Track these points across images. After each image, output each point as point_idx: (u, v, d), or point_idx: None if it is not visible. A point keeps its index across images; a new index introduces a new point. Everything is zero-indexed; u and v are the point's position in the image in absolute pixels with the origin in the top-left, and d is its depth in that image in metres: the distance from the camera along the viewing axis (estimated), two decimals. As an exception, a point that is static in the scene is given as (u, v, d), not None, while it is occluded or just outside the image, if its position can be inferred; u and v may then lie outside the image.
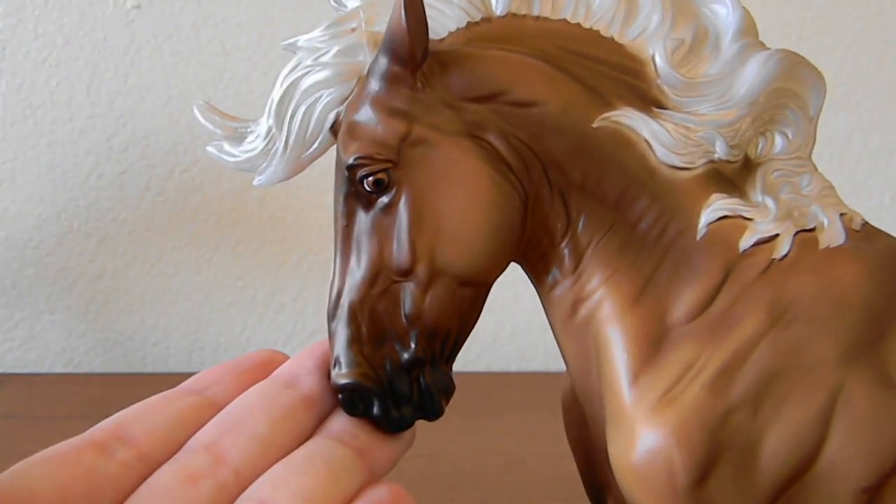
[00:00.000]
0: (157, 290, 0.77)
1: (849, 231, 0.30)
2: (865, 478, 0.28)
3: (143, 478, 0.21)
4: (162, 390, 0.26)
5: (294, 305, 0.76)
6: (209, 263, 0.76)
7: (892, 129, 0.74)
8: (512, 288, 0.79)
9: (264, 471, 0.22)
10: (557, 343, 0.32)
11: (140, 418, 0.23)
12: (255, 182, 0.30)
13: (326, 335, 0.28)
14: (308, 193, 0.74)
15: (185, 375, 0.28)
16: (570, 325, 0.31)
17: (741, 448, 0.28)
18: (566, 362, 0.32)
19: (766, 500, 0.28)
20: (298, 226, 0.75)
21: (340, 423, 0.26)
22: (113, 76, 0.72)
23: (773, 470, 0.28)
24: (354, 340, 0.27)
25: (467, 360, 0.80)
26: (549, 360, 0.77)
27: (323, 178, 0.81)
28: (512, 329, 0.76)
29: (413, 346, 0.28)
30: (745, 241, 0.29)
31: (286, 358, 0.28)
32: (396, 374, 0.28)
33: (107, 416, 0.24)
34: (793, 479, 0.28)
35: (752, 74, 0.29)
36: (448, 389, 0.29)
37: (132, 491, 0.21)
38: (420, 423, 0.28)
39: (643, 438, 0.28)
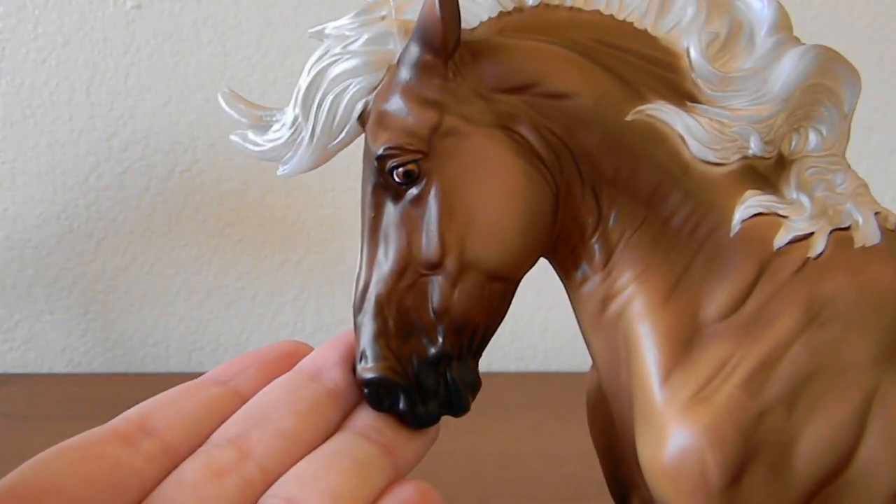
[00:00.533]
0: (157, 290, 0.77)
1: (884, 230, 0.30)
2: None
3: (168, 471, 0.21)
4: (162, 390, 0.26)
5: (294, 305, 0.76)
6: (209, 263, 0.76)
7: (893, 129, 0.74)
8: (512, 288, 0.79)
9: (290, 467, 0.22)
10: (585, 340, 0.32)
11: (164, 409, 0.23)
12: (279, 172, 0.30)
13: (327, 335, 0.28)
14: (308, 193, 0.74)
15: (186, 376, 0.27)
16: (599, 322, 0.30)
17: (775, 449, 0.27)
18: (594, 359, 0.31)
19: (799, 502, 0.28)
20: (298, 226, 0.75)
21: (366, 418, 0.25)
22: (113, 76, 0.72)
23: (807, 472, 0.27)
24: (381, 334, 0.27)
25: (467, 360, 0.80)
26: (548, 360, 0.77)
27: (323, 178, 0.82)
28: (512, 329, 0.76)
29: (441, 340, 0.27)
30: (780, 239, 0.29)
31: (310, 349, 0.28)
32: (423, 368, 0.27)
33: (107, 417, 0.24)
34: (826, 481, 0.28)
35: (787, 70, 0.29)
36: (475, 385, 0.28)
37: (156, 484, 0.21)
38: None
39: (675, 437, 0.28)
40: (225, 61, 0.72)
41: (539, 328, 0.76)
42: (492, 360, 0.76)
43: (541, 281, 0.35)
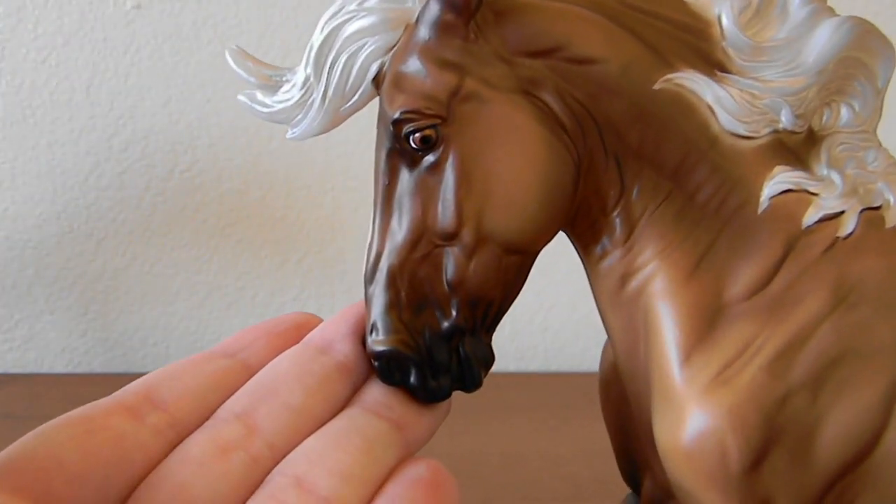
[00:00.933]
0: (157, 290, 0.77)
1: None
2: None
3: (173, 445, 0.20)
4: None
5: (294, 305, 0.76)
6: (209, 263, 0.76)
7: (892, 129, 0.74)
8: (512, 288, 0.78)
9: (298, 443, 0.21)
10: (602, 317, 0.31)
11: (171, 382, 0.22)
12: (288, 135, 0.28)
13: None
14: (308, 193, 0.74)
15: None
16: (617, 299, 0.29)
17: (798, 433, 0.26)
18: (610, 337, 0.31)
19: (821, 488, 0.27)
20: (298, 226, 0.75)
21: (376, 393, 0.24)
22: (113, 76, 0.72)
23: (830, 457, 0.27)
24: (393, 306, 0.26)
25: (467, 360, 0.80)
26: (548, 360, 0.77)
27: (323, 178, 0.82)
28: (512, 329, 0.76)
29: (454, 313, 0.26)
30: (810, 217, 0.28)
31: (320, 321, 0.27)
32: (436, 342, 0.26)
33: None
34: (850, 466, 0.27)
35: (822, 41, 0.28)
36: (488, 360, 0.27)
37: (161, 459, 0.20)
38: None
39: (694, 419, 0.27)
40: (224, 61, 0.72)
41: (539, 328, 0.76)
42: (492, 360, 0.76)
43: (541, 281, 0.35)
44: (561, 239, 0.30)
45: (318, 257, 0.76)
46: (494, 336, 0.28)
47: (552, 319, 0.77)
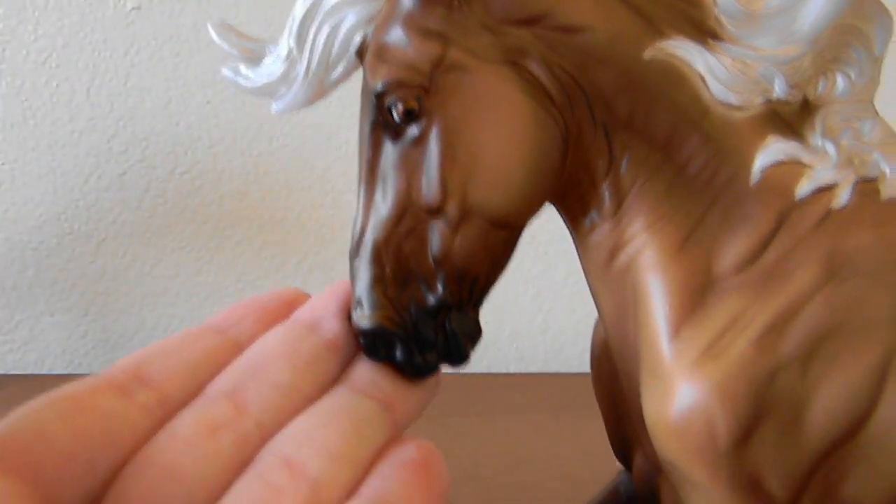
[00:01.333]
0: (158, 291, 0.77)
1: None
2: None
3: (162, 423, 0.20)
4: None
5: (294, 306, 0.76)
6: (209, 265, 0.76)
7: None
8: (512, 289, 0.79)
9: (286, 422, 0.21)
10: (592, 292, 0.30)
11: (161, 358, 0.22)
12: (273, 108, 0.28)
13: None
14: (308, 194, 0.74)
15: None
16: (607, 273, 0.29)
17: (788, 408, 0.26)
18: (600, 312, 0.30)
19: (811, 463, 0.26)
20: (298, 227, 0.75)
21: (364, 372, 0.24)
22: (113, 77, 0.72)
23: (820, 432, 0.26)
24: (378, 281, 0.25)
25: (467, 361, 0.80)
26: (548, 361, 0.77)
27: (323, 179, 0.82)
28: (512, 330, 0.76)
29: (440, 289, 0.26)
30: (803, 189, 0.27)
31: (307, 297, 0.26)
32: (422, 317, 0.26)
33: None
34: (840, 442, 0.26)
35: (817, 8, 0.26)
36: (475, 335, 0.27)
37: (150, 437, 0.20)
38: (419, 424, 0.28)
39: (683, 394, 0.26)
40: (225, 63, 0.72)
41: (539, 329, 0.76)
42: (492, 361, 0.76)
43: (541, 282, 0.35)
44: (561, 238, 0.30)
45: (318, 259, 0.76)
46: (495, 338, 0.28)
47: (552, 321, 0.77)
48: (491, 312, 0.30)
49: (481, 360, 0.76)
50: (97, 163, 0.74)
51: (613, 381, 0.32)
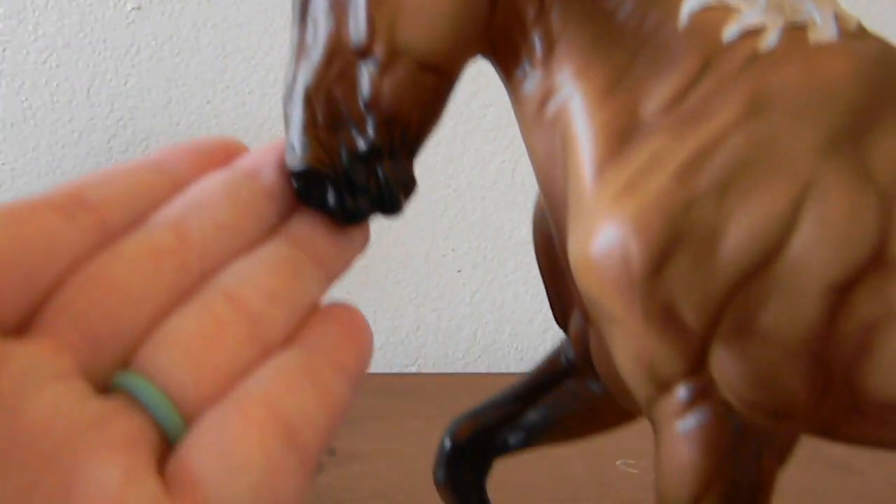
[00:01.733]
0: (158, 291, 0.77)
1: (842, 30, 0.28)
2: (833, 276, 0.26)
3: (103, 246, 0.20)
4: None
5: (294, 306, 0.76)
6: (209, 265, 0.76)
7: None
8: (512, 288, 0.79)
9: (227, 261, 0.21)
10: (525, 145, 0.30)
11: (101, 186, 0.21)
12: None
13: None
14: (308, 194, 0.74)
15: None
16: (538, 122, 0.29)
17: (702, 237, 0.26)
18: (533, 165, 0.30)
19: (725, 293, 0.27)
20: (298, 227, 0.75)
21: (300, 226, 0.24)
22: (113, 78, 0.72)
23: (733, 261, 0.26)
24: (310, 125, 0.26)
25: (467, 361, 0.80)
26: (549, 360, 0.77)
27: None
28: (512, 330, 0.76)
29: (371, 133, 0.26)
30: (730, 32, 0.27)
31: (247, 149, 0.26)
32: (353, 162, 0.26)
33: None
34: (753, 271, 0.27)
35: None
36: (408, 184, 0.27)
37: (91, 257, 0.20)
38: (418, 426, 0.28)
39: (603, 230, 0.27)
40: (225, 63, 0.72)
41: (539, 329, 0.76)
42: (492, 360, 0.76)
43: (540, 283, 0.35)
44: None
45: (318, 258, 0.76)
46: (495, 338, 0.28)
47: (552, 321, 0.77)
48: (491, 312, 0.31)
49: (481, 359, 0.76)
50: (97, 163, 0.74)
51: (550, 244, 0.32)
